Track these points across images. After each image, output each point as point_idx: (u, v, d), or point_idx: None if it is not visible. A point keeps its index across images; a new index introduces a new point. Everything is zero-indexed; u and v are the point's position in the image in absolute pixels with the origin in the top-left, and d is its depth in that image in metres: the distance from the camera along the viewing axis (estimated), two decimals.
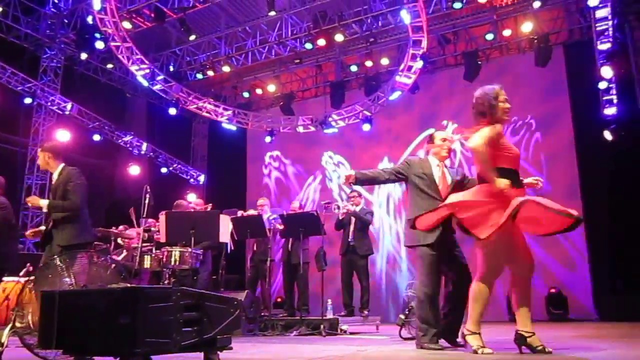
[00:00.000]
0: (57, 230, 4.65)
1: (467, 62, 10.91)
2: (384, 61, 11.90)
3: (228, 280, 8.31)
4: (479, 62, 10.91)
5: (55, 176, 4.85)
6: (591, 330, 6.58)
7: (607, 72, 8.88)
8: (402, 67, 10.88)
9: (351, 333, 6.30)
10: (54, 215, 4.73)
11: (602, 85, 9.11)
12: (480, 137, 3.46)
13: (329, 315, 6.73)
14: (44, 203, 4.70)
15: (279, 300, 9.84)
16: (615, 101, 9.30)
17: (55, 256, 3.47)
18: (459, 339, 3.94)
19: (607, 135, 9.13)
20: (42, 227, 4.86)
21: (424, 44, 10.15)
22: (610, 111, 9.28)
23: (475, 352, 3.43)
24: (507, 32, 10.76)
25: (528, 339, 3.40)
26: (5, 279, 6.00)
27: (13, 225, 6.04)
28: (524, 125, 11.10)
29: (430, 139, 4.42)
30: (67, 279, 3.25)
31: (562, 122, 10.64)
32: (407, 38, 10.37)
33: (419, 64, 10.45)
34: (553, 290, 9.74)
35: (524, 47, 11.44)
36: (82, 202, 4.74)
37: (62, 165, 4.86)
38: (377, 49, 11.81)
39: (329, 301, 7.11)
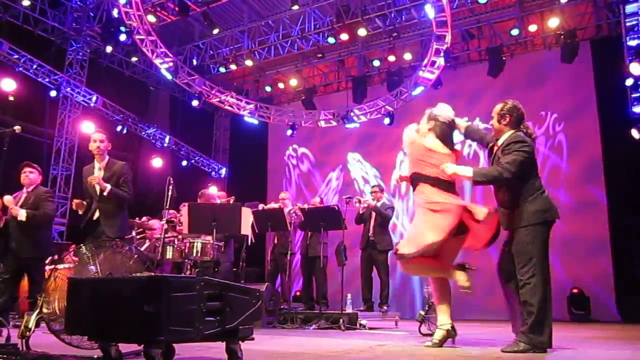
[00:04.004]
0: (106, 221, 4.87)
1: (491, 57, 10.79)
2: (407, 56, 11.77)
3: (248, 273, 8.37)
4: (504, 58, 10.78)
5: (102, 165, 5.04)
6: (613, 331, 6.51)
7: (636, 68, 8.69)
8: (425, 62, 10.80)
9: (370, 328, 6.29)
10: (101, 205, 4.91)
11: (630, 82, 8.93)
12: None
13: (348, 309, 6.73)
14: (107, 186, 4.87)
15: (298, 294, 9.87)
16: None
17: (82, 245, 3.53)
18: None
19: (635, 133, 8.96)
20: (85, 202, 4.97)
21: (448, 39, 10.06)
22: (638, 109, 9.09)
23: None
24: (532, 28, 10.61)
25: None
26: None
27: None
28: (548, 122, 10.93)
29: None
30: (93, 267, 3.30)
31: (588, 120, 10.45)
32: (431, 33, 10.29)
33: (441, 60, 10.36)
34: (575, 291, 9.60)
35: (549, 43, 11.26)
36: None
37: (108, 157, 5.10)
38: (400, 44, 11.74)
39: (349, 296, 7.10)
